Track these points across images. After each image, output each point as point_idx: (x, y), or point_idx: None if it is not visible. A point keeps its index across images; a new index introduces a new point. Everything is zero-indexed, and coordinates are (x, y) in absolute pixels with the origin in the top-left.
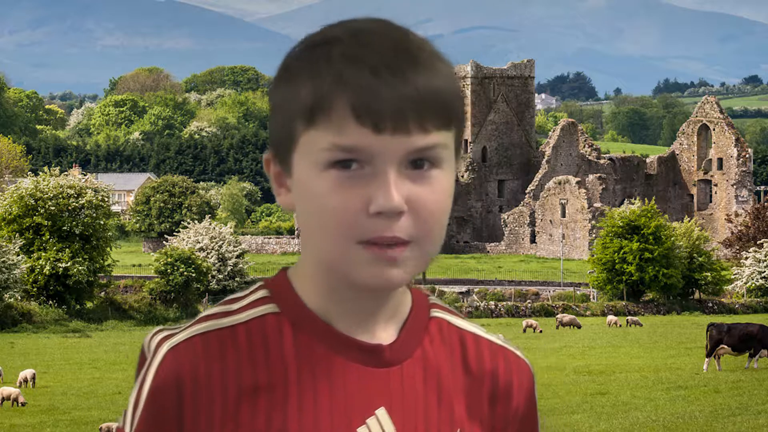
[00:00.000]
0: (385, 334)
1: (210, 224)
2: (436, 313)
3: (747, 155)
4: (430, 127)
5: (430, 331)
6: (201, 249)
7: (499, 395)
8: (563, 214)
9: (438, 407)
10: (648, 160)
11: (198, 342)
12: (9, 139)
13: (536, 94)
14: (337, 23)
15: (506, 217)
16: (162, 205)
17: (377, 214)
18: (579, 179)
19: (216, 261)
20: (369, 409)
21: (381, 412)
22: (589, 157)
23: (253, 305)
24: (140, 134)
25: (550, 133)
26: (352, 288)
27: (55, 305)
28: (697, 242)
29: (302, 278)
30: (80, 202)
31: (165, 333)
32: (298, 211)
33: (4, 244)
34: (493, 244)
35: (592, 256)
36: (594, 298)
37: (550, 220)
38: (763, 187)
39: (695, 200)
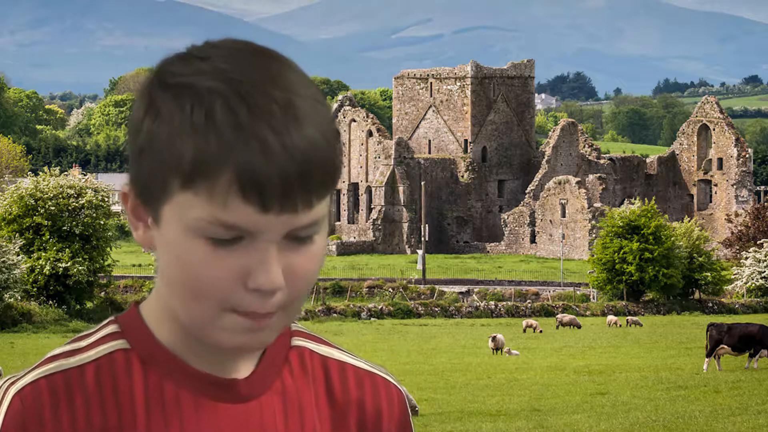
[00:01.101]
0: (242, 369)
1: None
2: (298, 341)
3: (747, 155)
4: (315, 201)
5: (290, 362)
6: None
7: (367, 424)
8: (563, 214)
9: None
10: (648, 160)
11: (43, 384)
12: (9, 139)
13: (536, 94)
14: (205, 52)
15: (506, 217)
16: None
17: (254, 290)
18: (579, 179)
19: None
20: None
21: None
22: (589, 157)
23: (101, 341)
24: None
25: (550, 133)
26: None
27: (55, 305)
28: (697, 242)
29: (155, 314)
30: (80, 202)
31: (12, 379)
32: (160, 258)
33: (4, 244)
34: (493, 244)
35: (592, 256)
36: (594, 298)
37: (550, 220)
38: (763, 187)
39: (695, 200)
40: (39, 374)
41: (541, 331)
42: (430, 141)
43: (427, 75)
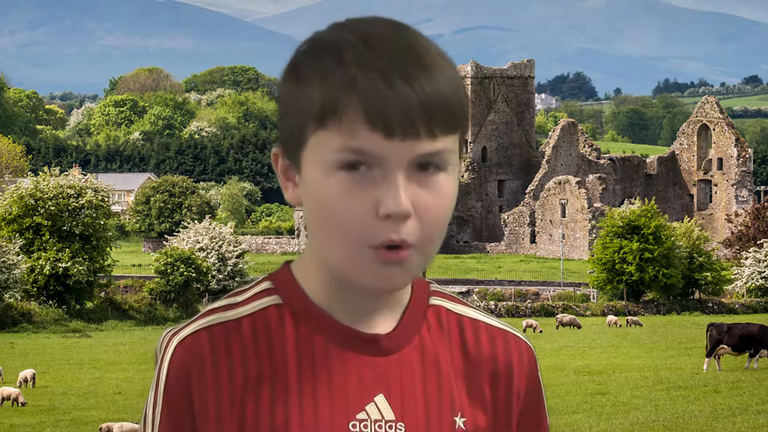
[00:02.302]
0: (384, 324)
1: (210, 224)
2: (435, 300)
3: (747, 155)
4: (438, 133)
5: (428, 319)
6: (201, 249)
7: (499, 378)
8: (563, 214)
9: (438, 393)
10: (648, 160)
11: (204, 335)
12: (9, 139)
13: (536, 94)
14: (344, 23)
15: (506, 217)
16: (162, 205)
17: (386, 217)
18: (579, 179)
19: (216, 261)
20: (368, 397)
21: (380, 399)
22: (589, 157)
23: (256, 297)
24: (140, 134)
25: (550, 133)
26: (357, 287)
27: (55, 305)
28: (697, 242)
29: (305, 271)
30: (80, 202)
31: (173, 330)
32: (305, 207)
33: (4, 244)
34: (493, 244)
35: (592, 256)
36: (594, 298)
37: (550, 220)
38: (763, 187)
39: (695, 200)
40: (199, 326)
41: (541, 331)
42: None
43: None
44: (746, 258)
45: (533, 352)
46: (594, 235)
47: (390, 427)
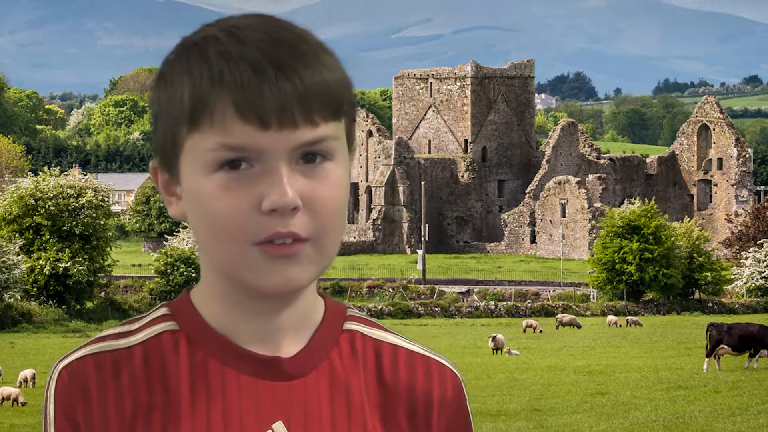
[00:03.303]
0: (289, 348)
1: None
2: (351, 325)
3: (747, 155)
4: (318, 119)
5: (339, 344)
6: None
7: (417, 409)
8: (563, 214)
9: (347, 423)
10: (648, 160)
11: (89, 362)
12: (9, 139)
13: (536, 94)
14: (213, 22)
15: (506, 217)
16: (162, 205)
17: (271, 211)
18: (579, 179)
19: None
20: (266, 425)
21: (278, 426)
22: (589, 157)
23: (151, 324)
24: (140, 134)
25: (550, 133)
26: (254, 295)
27: (55, 305)
28: (697, 242)
29: (203, 294)
30: (80, 202)
31: (61, 357)
32: (189, 218)
33: (4, 244)
34: (493, 244)
35: (592, 256)
36: (594, 298)
37: (550, 220)
38: (763, 187)
39: (695, 200)
40: (86, 352)
41: (541, 331)
42: (430, 141)
43: (427, 75)
44: (746, 258)
45: (459, 380)
46: (594, 235)
47: None
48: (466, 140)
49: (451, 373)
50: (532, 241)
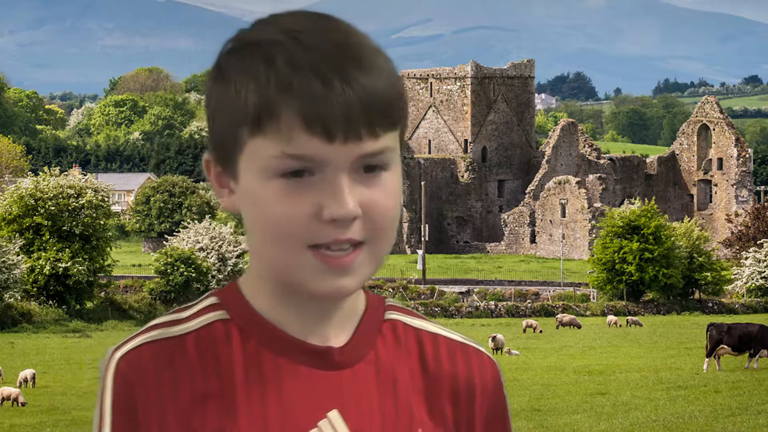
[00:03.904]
0: (337, 338)
1: (210, 224)
2: (392, 314)
3: (747, 155)
4: (380, 132)
5: (383, 334)
6: (201, 249)
7: (460, 394)
8: (563, 214)
9: (395, 409)
10: (648, 160)
11: (146, 350)
12: (9, 139)
13: (536, 94)
14: (269, 19)
15: (506, 217)
16: (162, 205)
17: (331, 221)
18: (579, 179)
19: (216, 261)
20: (320, 412)
21: (333, 414)
22: (589, 157)
23: (202, 312)
24: (140, 134)
25: (550, 133)
26: (303, 295)
27: (55, 305)
28: (697, 242)
29: (252, 284)
30: (80, 202)
31: (116, 345)
32: (244, 215)
33: (4, 244)
34: (493, 244)
35: (592, 256)
36: (594, 298)
37: (550, 220)
38: (763, 187)
39: (695, 200)
40: (142, 340)
41: (541, 331)
42: (430, 141)
43: (427, 75)
44: (746, 258)
45: (497, 367)
46: (594, 235)
47: None
48: (466, 140)
49: (490, 360)
50: (532, 241)
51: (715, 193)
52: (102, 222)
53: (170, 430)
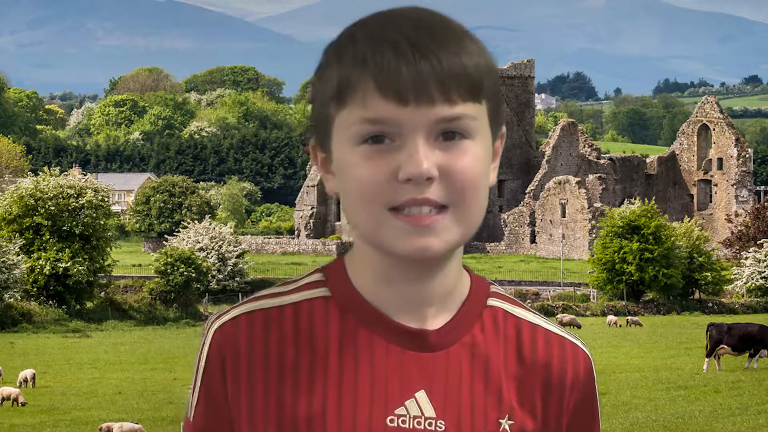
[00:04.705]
0: (436, 320)
1: (210, 224)
2: (493, 302)
3: (747, 155)
4: (456, 98)
5: (483, 319)
6: (201, 249)
7: (552, 385)
8: (563, 214)
9: (485, 393)
10: (648, 160)
11: (243, 320)
12: (9, 139)
13: (536, 94)
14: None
15: (506, 217)
16: (162, 205)
17: (407, 181)
18: (579, 179)
19: (216, 261)
20: (409, 392)
21: (420, 395)
22: (589, 157)
23: (305, 288)
24: (140, 134)
25: (550, 133)
26: (395, 261)
27: (55, 305)
28: (697, 242)
29: (355, 263)
30: (80, 202)
31: (217, 314)
32: (341, 192)
33: (4, 244)
34: (493, 244)
35: (592, 256)
36: (594, 298)
37: (550, 220)
38: (763, 187)
39: (695, 200)
40: (240, 311)
41: None
42: None
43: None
44: (746, 258)
45: (591, 362)
46: (594, 235)
47: (429, 424)
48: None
49: (584, 354)
50: (532, 241)
51: (715, 193)
52: (102, 222)
53: (258, 397)
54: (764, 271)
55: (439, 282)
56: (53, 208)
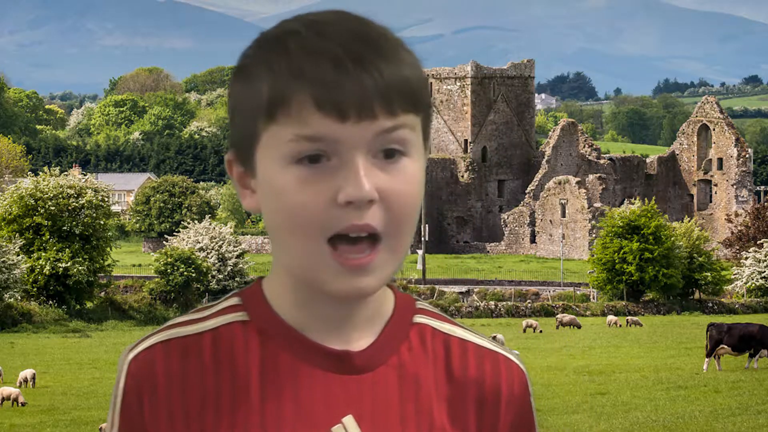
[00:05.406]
0: (360, 341)
1: (210, 224)
2: (420, 318)
3: (747, 155)
4: (398, 111)
5: (409, 338)
6: (201, 249)
7: (486, 403)
8: (563, 214)
9: (416, 416)
10: (648, 160)
11: (159, 350)
12: (9, 139)
13: (536, 94)
14: (293, 17)
15: (506, 217)
16: (162, 205)
17: (347, 204)
18: (579, 179)
19: (216, 261)
20: (335, 417)
21: (348, 420)
22: (589, 157)
23: (222, 313)
24: (140, 134)
25: (550, 133)
26: (324, 296)
27: (55, 305)
28: (697, 242)
29: (275, 285)
30: (80, 202)
31: (131, 345)
32: (263, 212)
33: (4, 244)
34: (493, 244)
35: (592, 256)
36: (594, 298)
37: (550, 220)
38: (763, 187)
39: (695, 200)
40: (156, 339)
41: (541, 331)
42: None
43: (427, 75)
44: (746, 258)
45: (525, 376)
46: (594, 235)
47: None
48: (466, 140)
49: (518, 369)
50: (532, 241)
51: (715, 193)
52: (102, 222)
53: (178, 430)
54: (764, 271)
55: (363, 303)
56: (53, 208)
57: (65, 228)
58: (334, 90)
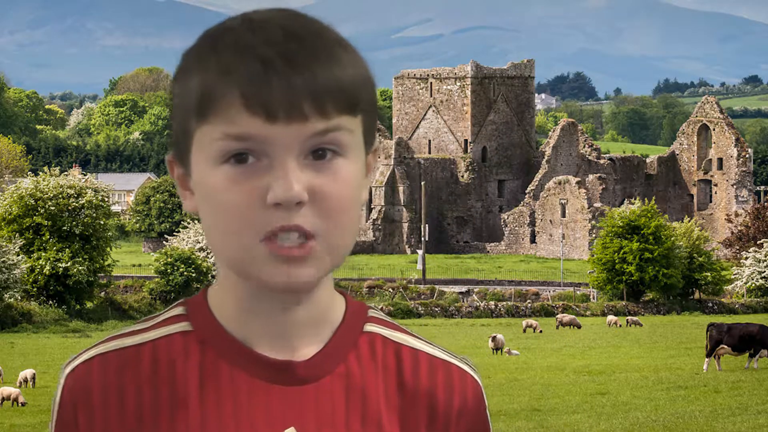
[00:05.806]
0: (305, 350)
1: None
2: (371, 327)
3: (747, 155)
4: (330, 111)
5: (358, 347)
6: (201, 249)
7: (438, 414)
8: (563, 214)
9: (362, 427)
10: (648, 160)
11: (96, 363)
12: (9, 139)
13: (536, 94)
14: (237, 15)
15: (506, 217)
16: (162, 205)
17: (276, 205)
18: (579, 179)
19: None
20: (277, 429)
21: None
22: (589, 157)
23: (165, 323)
24: (140, 134)
25: (550, 133)
26: (262, 292)
27: (55, 305)
28: (697, 242)
29: (218, 293)
30: (80, 202)
31: (71, 358)
32: (200, 213)
33: (4, 244)
34: (493, 244)
35: (592, 256)
36: (594, 298)
37: (550, 220)
38: (763, 187)
39: (695, 200)
40: (95, 352)
41: (541, 331)
42: (430, 141)
43: (427, 75)
44: (746, 258)
45: (480, 387)
46: (594, 235)
47: None
48: (466, 140)
49: (472, 379)
50: (532, 241)
51: (715, 193)
52: (102, 222)
53: None
54: (764, 271)
55: (308, 310)
56: (53, 208)
57: (65, 228)
58: (262, 89)
